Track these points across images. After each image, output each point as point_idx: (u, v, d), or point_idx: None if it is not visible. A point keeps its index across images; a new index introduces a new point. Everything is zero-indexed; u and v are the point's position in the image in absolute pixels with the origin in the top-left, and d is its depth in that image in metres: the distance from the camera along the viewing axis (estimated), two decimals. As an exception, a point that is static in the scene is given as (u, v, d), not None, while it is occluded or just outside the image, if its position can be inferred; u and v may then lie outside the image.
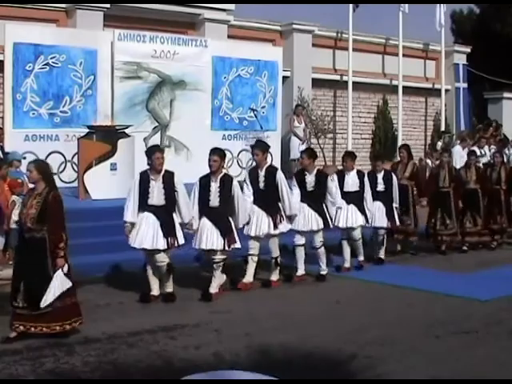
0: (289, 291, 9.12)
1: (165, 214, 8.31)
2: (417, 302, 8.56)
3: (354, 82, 18.34)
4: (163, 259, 8.33)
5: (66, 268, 6.74)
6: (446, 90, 21.19)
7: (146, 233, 8.24)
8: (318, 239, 9.59)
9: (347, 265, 10.34)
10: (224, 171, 8.78)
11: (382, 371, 5.89)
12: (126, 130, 12.63)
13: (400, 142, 19.06)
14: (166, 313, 7.90)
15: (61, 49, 13.39)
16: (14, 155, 11.05)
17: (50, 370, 5.89)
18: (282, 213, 9.08)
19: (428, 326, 7.47)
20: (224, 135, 15.26)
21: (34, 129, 13.13)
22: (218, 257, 8.55)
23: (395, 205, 11.00)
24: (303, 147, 16.50)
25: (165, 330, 7.11)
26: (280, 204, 9.08)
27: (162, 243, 8.24)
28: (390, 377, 5.79)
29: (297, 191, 9.52)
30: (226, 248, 8.49)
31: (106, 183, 11.75)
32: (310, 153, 9.84)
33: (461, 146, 16.81)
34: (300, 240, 9.60)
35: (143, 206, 8.33)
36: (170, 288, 8.48)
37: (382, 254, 11.03)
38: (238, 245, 8.62)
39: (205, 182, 8.59)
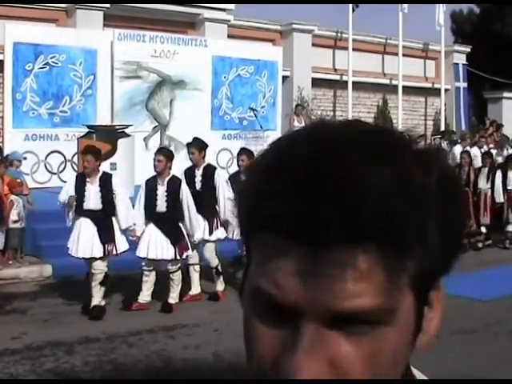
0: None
1: (102, 219, 7.79)
2: (417, 302, 8.55)
3: (353, 82, 18.34)
4: (100, 267, 7.78)
5: None
6: (446, 90, 21.19)
7: (83, 240, 7.72)
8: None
9: None
10: (171, 173, 8.05)
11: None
12: (126, 130, 12.61)
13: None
14: (165, 313, 7.89)
15: (61, 49, 13.39)
16: (15, 155, 11.05)
17: (50, 369, 5.89)
18: (220, 217, 8.38)
19: (428, 325, 7.46)
20: (224, 135, 15.25)
21: (33, 128, 13.14)
22: (172, 267, 8.04)
23: None
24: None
25: (165, 330, 7.11)
26: (217, 207, 8.39)
27: (98, 251, 7.72)
28: (389, 377, 5.78)
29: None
30: (178, 257, 7.94)
31: (105, 183, 11.74)
32: (248, 153, 8.93)
33: (461, 145, 16.79)
34: None
35: (79, 210, 7.77)
36: (97, 300, 7.71)
37: None
38: (190, 252, 8.09)
39: (151, 185, 8.00)
